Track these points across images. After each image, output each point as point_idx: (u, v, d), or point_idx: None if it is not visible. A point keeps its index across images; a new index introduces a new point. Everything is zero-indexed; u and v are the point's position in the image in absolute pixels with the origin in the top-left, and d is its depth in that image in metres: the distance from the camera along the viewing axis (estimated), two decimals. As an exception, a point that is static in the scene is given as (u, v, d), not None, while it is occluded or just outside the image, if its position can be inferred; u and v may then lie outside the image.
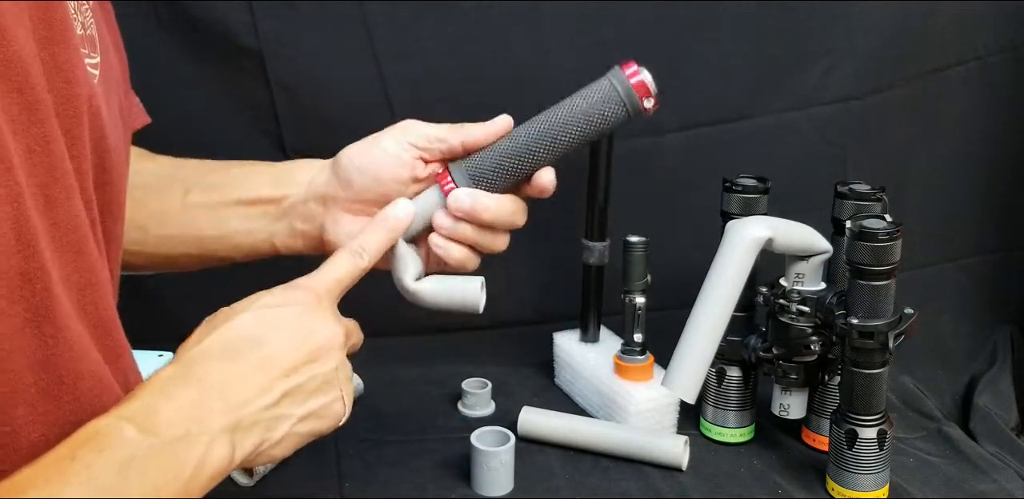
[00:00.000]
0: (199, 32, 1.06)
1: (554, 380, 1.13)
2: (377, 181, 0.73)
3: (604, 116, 0.69)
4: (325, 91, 1.09)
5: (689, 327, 0.85)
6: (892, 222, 0.84)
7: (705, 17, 1.09)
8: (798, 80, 1.12)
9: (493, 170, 0.71)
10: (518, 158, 0.70)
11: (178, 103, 1.09)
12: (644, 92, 0.68)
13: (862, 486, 0.89)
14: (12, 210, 0.47)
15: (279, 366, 0.58)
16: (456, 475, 0.93)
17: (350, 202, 0.75)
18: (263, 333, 0.59)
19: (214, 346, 0.57)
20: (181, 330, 1.17)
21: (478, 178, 0.71)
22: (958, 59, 1.15)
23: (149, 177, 0.81)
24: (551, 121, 0.70)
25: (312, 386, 0.60)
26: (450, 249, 0.73)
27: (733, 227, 0.88)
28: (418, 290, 0.72)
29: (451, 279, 0.73)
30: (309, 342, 0.60)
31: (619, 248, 1.01)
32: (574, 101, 0.70)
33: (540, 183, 0.72)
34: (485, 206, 0.71)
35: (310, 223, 0.77)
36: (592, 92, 0.70)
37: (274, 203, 0.78)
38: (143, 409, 0.52)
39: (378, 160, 0.73)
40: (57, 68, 0.52)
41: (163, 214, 0.79)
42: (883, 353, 0.86)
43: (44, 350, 0.51)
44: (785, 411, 0.98)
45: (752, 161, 1.06)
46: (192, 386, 0.55)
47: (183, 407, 0.53)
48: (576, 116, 0.69)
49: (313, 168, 0.78)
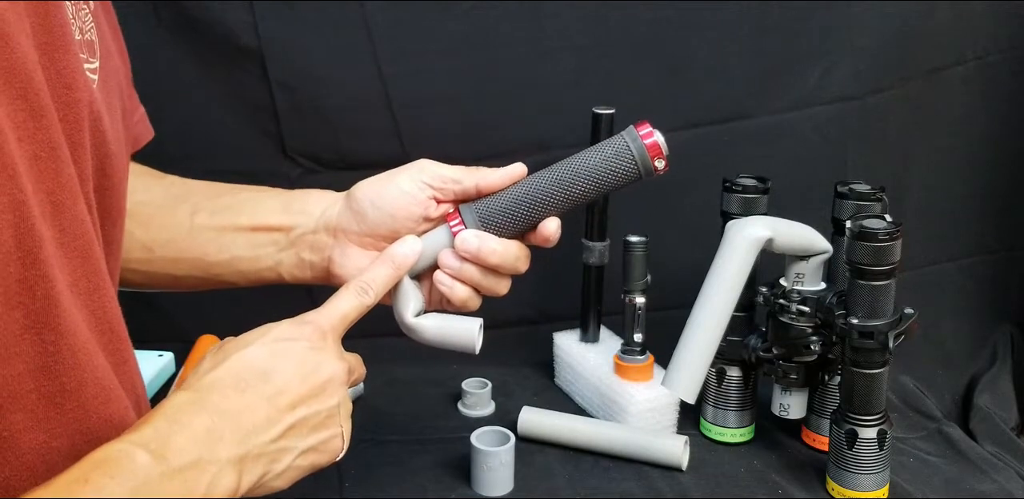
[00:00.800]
0: (199, 32, 1.06)
1: (554, 380, 1.13)
2: (390, 217, 0.74)
3: (616, 173, 0.70)
4: (325, 91, 1.09)
5: (689, 327, 0.85)
6: (892, 222, 0.84)
7: (705, 17, 1.09)
8: (798, 80, 1.12)
9: (503, 215, 0.72)
10: (528, 206, 0.71)
11: (178, 103, 1.09)
12: (656, 153, 0.70)
13: (862, 486, 0.89)
14: (14, 218, 0.47)
15: (286, 399, 0.59)
16: (456, 475, 0.93)
17: (361, 236, 0.76)
18: (272, 366, 0.60)
19: (226, 376, 0.58)
20: (181, 330, 1.18)
21: (487, 222, 0.72)
22: (958, 59, 1.15)
23: (157, 197, 0.80)
24: (564, 173, 0.71)
25: (315, 421, 0.61)
26: (455, 289, 0.74)
27: (733, 227, 0.88)
28: (417, 326, 0.73)
29: (451, 318, 0.74)
30: (314, 377, 0.61)
31: (619, 248, 1.01)
32: (588, 155, 0.71)
33: (545, 232, 0.73)
34: (492, 249, 0.72)
35: (318, 254, 0.77)
36: (606, 148, 0.71)
37: (282, 231, 0.78)
38: (156, 435, 0.53)
39: (393, 197, 0.74)
40: (58, 74, 0.52)
41: (169, 236, 0.78)
42: (883, 353, 0.86)
43: (45, 357, 0.51)
44: (785, 411, 0.98)
45: (752, 161, 1.06)
46: (205, 414, 0.55)
47: (196, 434, 0.54)
48: (589, 170, 0.71)
49: (326, 199, 0.78)
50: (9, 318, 0.48)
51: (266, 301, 1.17)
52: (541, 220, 0.72)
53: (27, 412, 0.51)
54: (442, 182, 0.74)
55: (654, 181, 1.14)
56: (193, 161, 1.11)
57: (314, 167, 1.12)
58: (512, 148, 1.12)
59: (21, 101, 0.48)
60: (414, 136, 1.11)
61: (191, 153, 1.11)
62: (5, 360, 0.49)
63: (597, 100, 1.03)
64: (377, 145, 1.11)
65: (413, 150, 1.11)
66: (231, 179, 1.11)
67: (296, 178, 1.12)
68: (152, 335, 1.14)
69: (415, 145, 1.11)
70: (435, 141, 1.12)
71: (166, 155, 1.11)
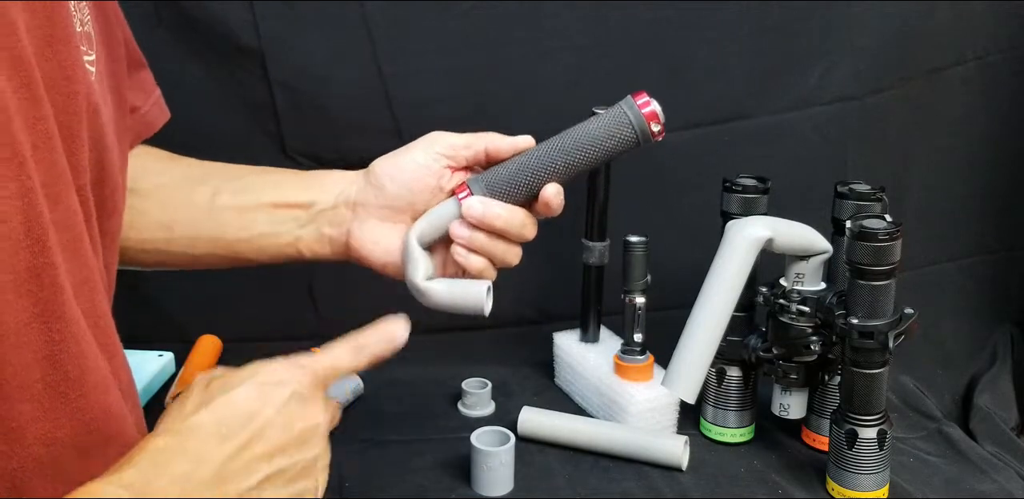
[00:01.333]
0: (199, 32, 1.06)
1: (554, 380, 1.13)
2: (408, 190, 0.76)
3: (615, 139, 0.73)
4: (325, 91, 1.09)
5: (689, 327, 0.85)
6: (892, 222, 0.84)
7: (705, 17, 1.09)
8: (798, 80, 1.12)
9: (507, 183, 0.74)
10: (531, 173, 0.74)
11: (178, 103, 1.09)
12: (653, 119, 0.73)
13: (862, 486, 0.89)
14: (23, 205, 0.47)
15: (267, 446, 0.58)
16: (456, 475, 0.93)
17: (380, 208, 0.77)
18: (258, 409, 0.58)
19: (209, 421, 0.57)
20: (181, 330, 1.18)
21: (493, 190, 0.75)
22: (958, 59, 1.15)
23: (175, 178, 0.81)
24: (566, 141, 0.74)
25: (292, 472, 0.60)
26: (469, 259, 0.75)
27: (733, 227, 0.88)
28: (428, 289, 0.75)
29: (460, 282, 0.76)
30: (299, 425, 0.60)
31: (619, 248, 1.01)
32: (589, 125, 0.74)
33: (546, 196, 0.75)
34: (497, 214, 0.74)
35: (338, 228, 0.79)
36: (606, 117, 0.74)
37: (303, 207, 0.79)
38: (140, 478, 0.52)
39: (410, 170, 0.76)
40: (59, 65, 0.52)
41: (190, 215, 0.79)
42: (883, 353, 0.86)
43: (51, 346, 0.51)
44: (785, 411, 0.98)
45: (752, 161, 1.06)
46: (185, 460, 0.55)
47: (176, 480, 0.53)
48: (590, 138, 0.74)
49: (346, 177, 0.80)
50: (18, 306, 0.48)
51: (266, 301, 1.18)
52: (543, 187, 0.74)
53: (34, 402, 0.51)
54: (454, 150, 0.76)
55: (654, 181, 1.15)
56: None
57: (314, 167, 1.12)
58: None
59: (25, 90, 0.48)
60: (414, 136, 1.09)
61: (191, 153, 1.11)
62: (14, 349, 0.49)
63: (597, 100, 1.02)
64: (377, 145, 1.10)
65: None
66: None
67: (296, 178, 1.12)
68: (152, 335, 1.15)
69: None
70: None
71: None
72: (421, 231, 0.75)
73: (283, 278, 1.17)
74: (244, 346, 1.15)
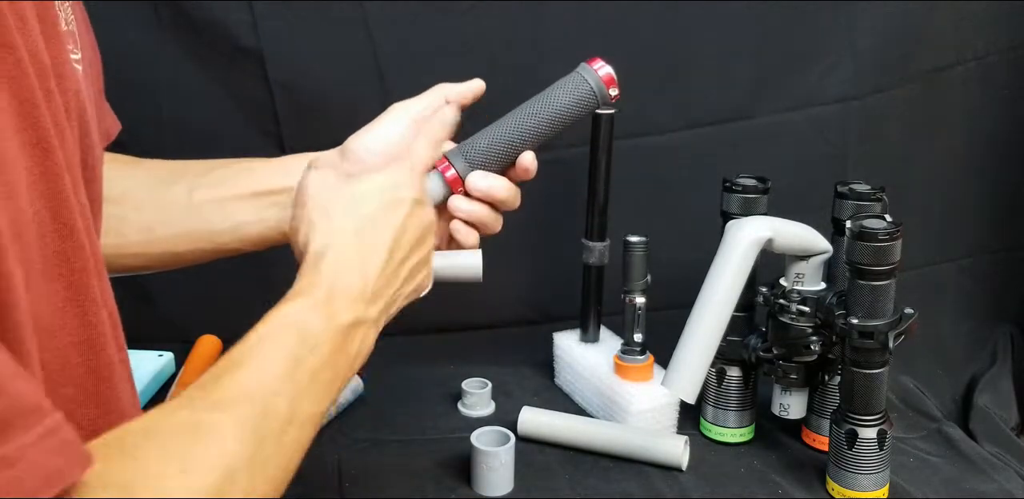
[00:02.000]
0: (199, 32, 1.06)
1: (554, 380, 1.13)
2: (388, 157, 0.77)
3: (580, 106, 0.78)
4: (325, 91, 1.09)
5: (689, 327, 0.85)
6: (892, 222, 0.84)
7: (705, 17, 1.09)
8: (798, 80, 1.12)
9: (485, 154, 0.78)
10: (507, 144, 0.78)
11: (178, 103, 1.09)
12: (610, 82, 0.78)
13: (862, 486, 0.89)
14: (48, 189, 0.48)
15: (402, 253, 0.69)
16: (456, 475, 0.93)
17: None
18: (393, 222, 0.69)
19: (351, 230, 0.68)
20: (181, 330, 1.18)
21: (474, 163, 0.77)
22: (958, 59, 1.15)
23: (143, 181, 0.82)
24: (532, 110, 0.78)
25: (418, 266, 0.71)
26: (468, 233, 0.78)
27: (733, 227, 0.88)
28: None
29: (452, 253, 0.79)
30: (420, 227, 0.71)
31: (619, 248, 1.01)
32: (552, 93, 0.78)
33: (523, 164, 0.78)
34: (500, 185, 0.77)
35: None
36: (567, 84, 0.78)
37: (285, 193, 0.80)
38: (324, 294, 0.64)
39: (384, 139, 0.78)
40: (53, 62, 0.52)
41: (170, 215, 0.80)
42: (883, 353, 0.86)
43: (88, 329, 0.51)
44: (785, 411, 0.98)
45: (752, 161, 1.06)
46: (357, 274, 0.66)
47: (352, 296, 0.65)
48: (556, 107, 0.78)
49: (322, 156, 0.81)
50: (50, 290, 0.48)
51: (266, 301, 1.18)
52: (519, 155, 0.78)
53: (77, 386, 0.51)
54: (420, 114, 0.79)
55: (654, 181, 1.15)
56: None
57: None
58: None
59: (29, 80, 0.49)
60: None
61: (190, 153, 1.11)
62: (51, 333, 0.49)
63: (597, 100, 1.03)
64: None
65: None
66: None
67: (296, 178, 1.12)
68: (152, 335, 1.14)
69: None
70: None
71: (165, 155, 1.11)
72: None
73: (283, 278, 1.17)
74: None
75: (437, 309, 1.18)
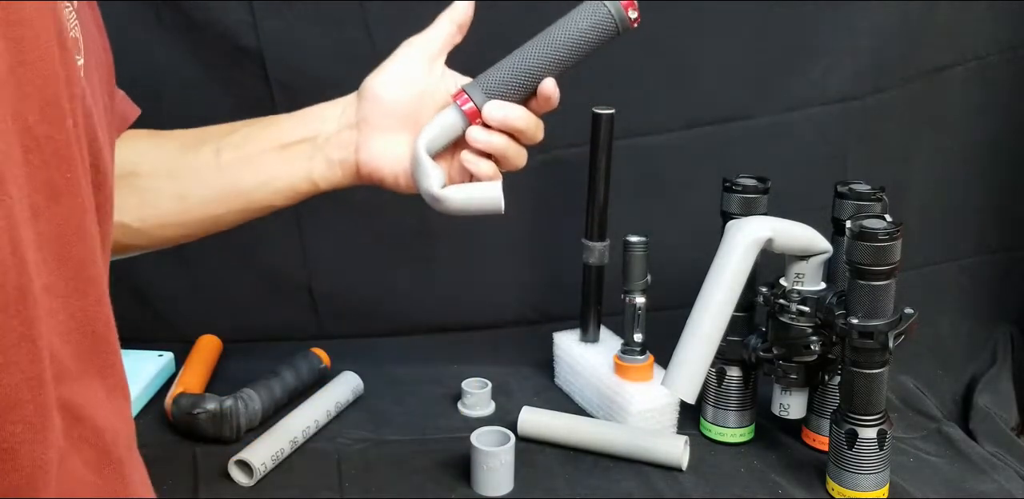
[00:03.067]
0: (199, 32, 1.06)
1: (554, 380, 1.13)
2: (406, 93, 0.79)
3: (599, 30, 0.76)
4: (325, 91, 1.09)
5: (689, 327, 0.85)
6: (892, 222, 0.84)
7: (705, 17, 1.09)
8: (798, 80, 1.12)
9: (504, 85, 0.77)
10: (526, 73, 0.77)
11: (178, 103, 1.09)
12: (631, 6, 0.76)
13: (862, 486, 0.89)
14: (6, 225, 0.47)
15: None
16: (456, 475, 0.93)
17: (383, 118, 0.79)
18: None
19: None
20: (181, 330, 1.18)
21: (493, 94, 0.77)
22: (958, 59, 1.15)
23: (172, 149, 0.82)
24: (553, 38, 0.77)
25: None
26: (480, 164, 0.77)
27: (733, 227, 0.88)
28: (446, 196, 0.76)
29: (472, 185, 0.78)
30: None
31: (619, 248, 1.01)
32: (570, 19, 0.77)
33: (546, 91, 0.77)
34: (518, 115, 0.76)
35: (345, 150, 0.80)
36: (587, 11, 0.77)
37: (309, 141, 0.81)
38: None
39: (399, 74, 0.79)
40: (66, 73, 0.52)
41: (201, 178, 0.81)
42: (883, 353, 0.86)
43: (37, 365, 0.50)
44: (785, 411, 0.98)
45: (752, 161, 1.06)
46: None
47: None
48: (576, 33, 0.76)
49: (340, 103, 0.82)
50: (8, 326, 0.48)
51: (266, 301, 1.18)
52: (538, 83, 0.77)
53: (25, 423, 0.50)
54: (432, 45, 0.80)
55: (654, 181, 1.15)
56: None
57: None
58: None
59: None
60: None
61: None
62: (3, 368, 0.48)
63: (597, 100, 1.03)
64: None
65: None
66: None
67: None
68: (152, 335, 1.14)
69: (415, 145, 1.11)
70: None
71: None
72: (429, 140, 0.76)
73: (283, 278, 1.17)
74: (244, 346, 1.15)
75: (437, 309, 1.19)
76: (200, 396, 0.99)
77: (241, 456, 0.92)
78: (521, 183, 1.14)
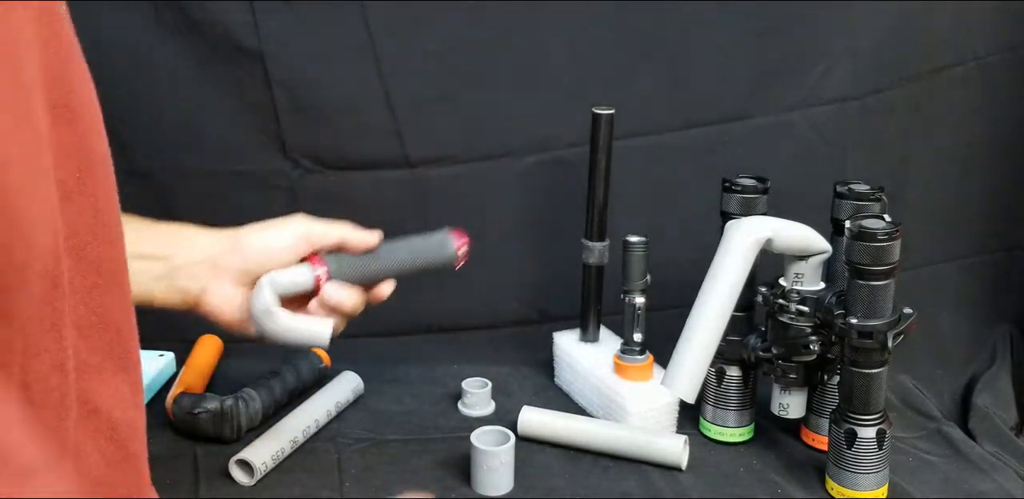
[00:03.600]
0: (199, 32, 1.06)
1: (554, 380, 1.13)
2: (271, 261, 0.84)
3: (438, 262, 0.87)
4: (325, 91, 1.09)
5: (689, 327, 0.85)
6: (891, 222, 0.84)
7: (705, 17, 1.09)
8: (798, 80, 1.12)
9: (352, 272, 0.85)
10: (372, 273, 0.86)
11: (178, 103, 1.09)
12: (464, 258, 0.88)
13: (861, 486, 0.89)
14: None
15: None
16: (456, 475, 0.93)
17: (240, 273, 0.83)
18: None
19: None
20: (181, 330, 1.18)
21: (341, 273, 0.84)
22: (958, 59, 1.15)
23: None
24: (403, 254, 0.87)
25: None
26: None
27: (733, 227, 0.88)
28: (278, 312, 0.81)
29: (305, 316, 0.84)
30: None
31: (619, 248, 1.01)
32: (423, 245, 0.88)
33: (382, 293, 0.87)
34: (349, 302, 0.84)
35: (195, 283, 0.83)
36: (435, 244, 0.87)
37: (164, 260, 0.82)
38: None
39: (276, 246, 0.84)
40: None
41: None
42: (882, 353, 0.86)
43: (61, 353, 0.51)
44: (784, 411, 0.98)
45: (752, 161, 1.06)
46: None
47: None
48: (422, 257, 0.87)
49: (212, 237, 0.85)
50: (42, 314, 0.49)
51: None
52: (381, 281, 0.86)
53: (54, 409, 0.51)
54: (316, 237, 0.85)
55: (654, 181, 1.15)
56: (193, 162, 1.12)
57: (315, 167, 1.12)
58: (512, 148, 1.12)
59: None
60: (414, 136, 1.11)
61: (191, 154, 1.11)
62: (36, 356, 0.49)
63: (597, 100, 1.03)
64: (377, 145, 1.11)
65: (413, 150, 1.11)
66: (231, 179, 1.12)
67: (297, 178, 1.12)
68: (152, 335, 1.14)
69: (415, 145, 1.11)
70: (435, 141, 1.12)
71: (166, 156, 1.12)
72: (274, 283, 0.82)
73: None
74: (244, 346, 1.15)
75: (437, 309, 1.19)
76: (201, 396, 0.99)
77: (242, 456, 0.92)
78: (521, 183, 1.15)
